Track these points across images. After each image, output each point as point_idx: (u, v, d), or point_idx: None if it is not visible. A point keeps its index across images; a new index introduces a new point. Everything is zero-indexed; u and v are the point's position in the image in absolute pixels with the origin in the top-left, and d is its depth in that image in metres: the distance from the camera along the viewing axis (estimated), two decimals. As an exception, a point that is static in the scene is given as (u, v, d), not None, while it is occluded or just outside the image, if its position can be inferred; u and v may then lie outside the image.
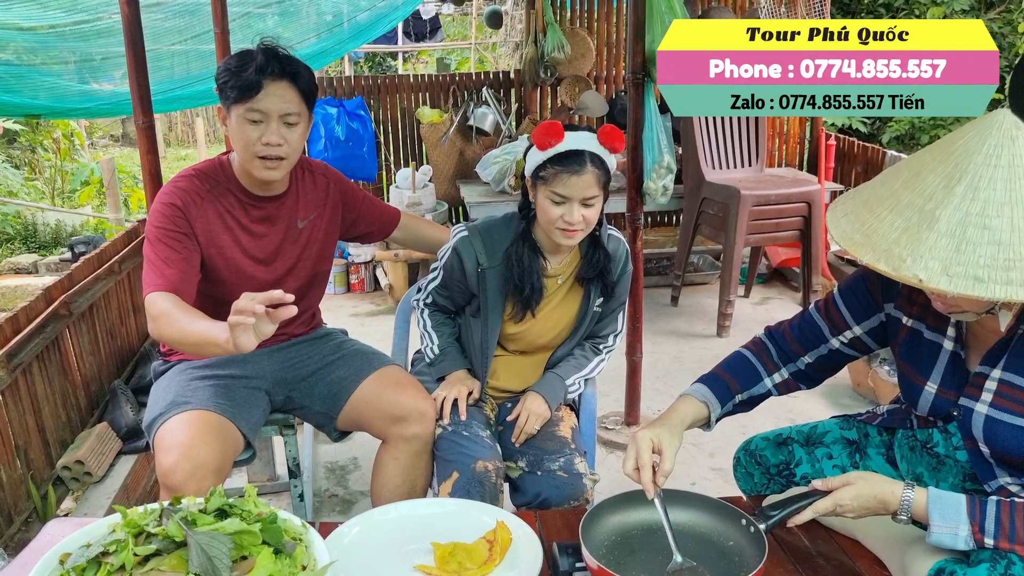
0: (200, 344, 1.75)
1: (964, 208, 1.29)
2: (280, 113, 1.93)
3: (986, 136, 1.32)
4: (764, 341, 1.81)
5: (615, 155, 2.00)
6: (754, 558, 1.41)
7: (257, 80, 1.89)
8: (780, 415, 3.48)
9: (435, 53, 11.66)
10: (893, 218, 1.36)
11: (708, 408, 1.73)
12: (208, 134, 11.54)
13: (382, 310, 5.16)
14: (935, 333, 1.57)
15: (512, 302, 2.11)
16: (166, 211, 1.97)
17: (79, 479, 2.60)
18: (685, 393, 1.77)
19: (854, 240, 1.39)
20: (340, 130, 5.40)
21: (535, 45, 5.49)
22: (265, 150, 1.94)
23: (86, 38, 4.78)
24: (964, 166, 1.31)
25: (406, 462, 2.06)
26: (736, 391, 1.76)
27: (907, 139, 7.52)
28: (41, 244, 7.04)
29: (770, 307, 5.08)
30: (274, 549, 1.25)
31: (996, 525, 1.35)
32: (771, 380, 1.77)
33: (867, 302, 1.67)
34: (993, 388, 1.46)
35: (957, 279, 1.26)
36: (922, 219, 1.32)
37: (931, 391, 1.56)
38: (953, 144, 1.35)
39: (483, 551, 1.54)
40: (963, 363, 1.54)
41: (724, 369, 1.80)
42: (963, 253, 1.27)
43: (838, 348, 1.72)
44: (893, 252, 1.32)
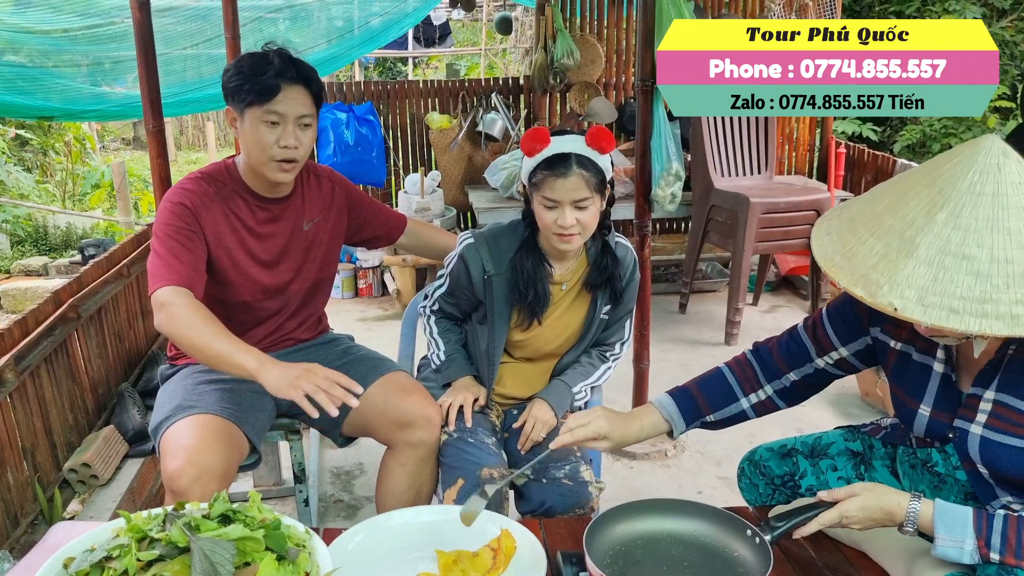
0: (220, 362, 1.82)
1: (945, 236, 1.27)
2: (296, 116, 1.97)
3: (972, 162, 1.30)
4: (749, 359, 1.79)
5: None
6: (759, 569, 1.40)
7: (276, 84, 1.94)
8: (787, 424, 3.46)
9: (445, 59, 11.71)
10: (874, 242, 1.34)
11: (670, 425, 1.77)
12: (219, 138, 11.59)
13: (390, 315, 5.17)
14: (925, 355, 1.55)
15: (519, 309, 2.10)
16: (175, 210, 2.00)
17: (85, 482, 2.61)
18: (652, 403, 1.78)
19: (834, 261, 1.38)
20: (349, 135, 5.41)
21: (545, 51, 5.49)
22: (283, 153, 1.97)
23: (99, 42, 4.81)
24: (948, 192, 1.29)
25: (411, 468, 2.06)
26: (705, 412, 1.77)
27: (918, 147, 7.49)
28: (52, 246, 7.09)
29: (779, 315, 5.07)
30: (277, 555, 1.25)
31: (1003, 540, 1.34)
32: (747, 400, 1.76)
33: (853, 325, 1.66)
34: (988, 409, 1.45)
35: (932, 309, 1.25)
36: (902, 245, 1.30)
37: (925, 414, 1.55)
38: (940, 168, 1.34)
39: (487, 559, 1.54)
40: (955, 385, 1.52)
41: (699, 386, 1.80)
42: (940, 283, 1.26)
43: (823, 368, 1.71)
44: (871, 278, 1.31)
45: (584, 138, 1.96)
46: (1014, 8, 7.33)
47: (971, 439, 1.46)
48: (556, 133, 1.99)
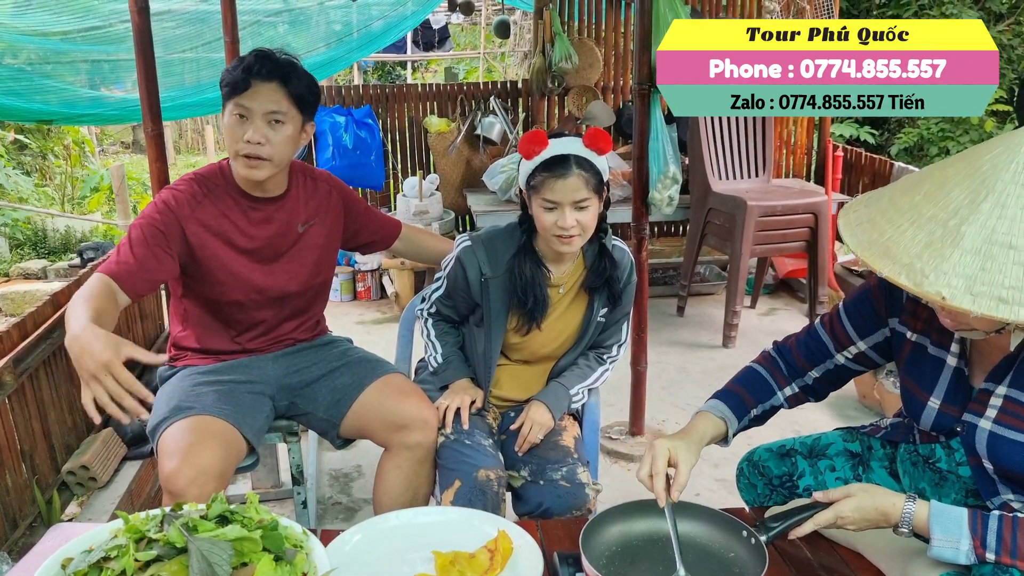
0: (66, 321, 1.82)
1: (991, 226, 1.25)
2: (264, 111, 1.98)
3: (1015, 152, 1.28)
4: (773, 356, 1.81)
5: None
6: (755, 570, 1.41)
7: (244, 78, 1.97)
8: (785, 427, 3.46)
9: (444, 62, 11.72)
10: (915, 231, 1.32)
11: (726, 424, 1.73)
12: (218, 141, 11.61)
13: (388, 318, 5.17)
14: (939, 349, 1.56)
15: (517, 314, 2.11)
16: (158, 206, 2.04)
17: (84, 484, 2.61)
18: (702, 410, 1.77)
19: (872, 252, 1.35)
20: (348, 138, 5.43)
21: (543, 55, 5.51)
22: (247, 148, 1.98)
23: (97, 44, 4.82)
24: (991, 183, 1.28)
25: (408, 470, 2.07)
26: (751, 405, 1.77)
27: (916, 150, 7.51)
28: (51, 250, 7.09)
29: (776, 318, 5.07)
30: (274, 556, 1.25)
31: (998, 540, 1.34)
32: (783, 393, 1.78)
33: (871, 318, 1.67)
34: (998, 404, 1.45)
35: (981, 299, 1.23)
36: (946, 234, 1.28)
37: (934, 407, 1.55)
38: (980, 158, 1.32)
39: (484, 560, 1.54)
40: (966, 379, 1.53)
41: (737, 383, 1.80)
42: (988, 272, 1.24)
43: (843, 364, 1.72)
44: (915, 267, 1.28)
45: (582, 140, 1.97)
46: (1011, 12, 7.35)
47: (979, 433, 1.46)
48: (553, 136, 1.99)
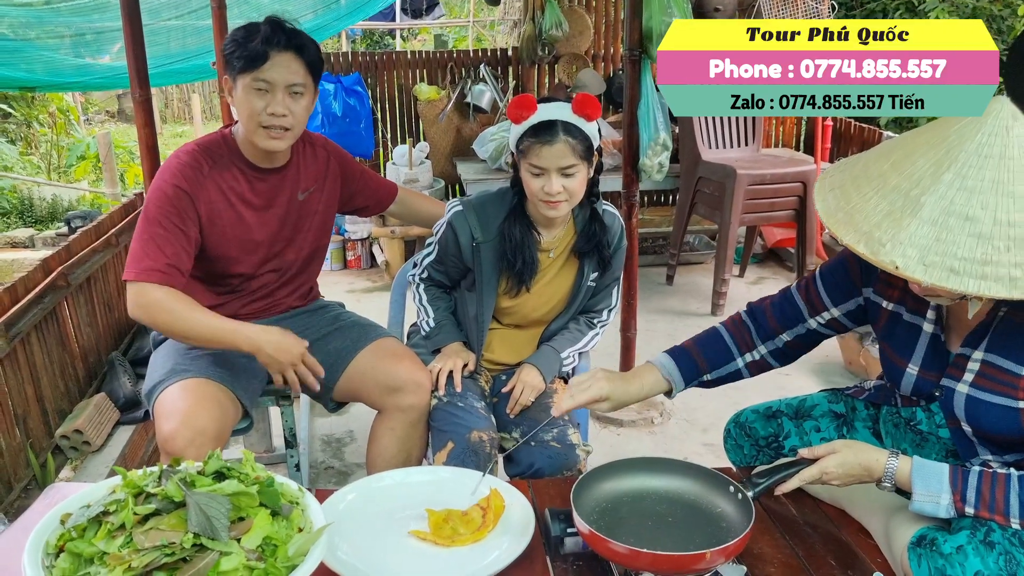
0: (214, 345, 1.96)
1: (949, 197, 1.28)
2: (286, 83, 1.96)
3: (981, 124, 1.30)
4: (744, 319, 1.84)
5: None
6: (741, 524, 1.44)
7: (264, 51, 1.93)
8: (771, 391, 3.45)
9: (433, 30, 11.60)
10: (878, 200, 1.35)
11: (670, 384, 1.80)
12: (205, 111, 11.48)
13: (378, 287, 5.18)
14: (915, 316, 1.58)
15: (507, 276, 2.13)
16: (171, 192, 1.98)
17: (78, 448, 2.63)
18: (652, 363, 1.81)
19: (837, 218, 1.39)
20: (337, 106, 5.38)
21: (533, 23, 5.47)
22: (270, 120, 1.97)
23: (82, 13, 4.75)
24: (955, 153, 1.30)
25: (401, 432, 2.09)
26: (704, 370, 1.81)
27: (905, 120, 7.51)
28: (37, 219, 7.03)
29: (764, 287, 5.11)
30: (271, 511, 1.27)
31: (977, 495, 1.38)
32: (742, 360, 1.81)
33: (846, 286, 1.69)
34: (976, 369, 1.48)
35: (933, 269, 1.26)
36: (906, 204, 1.31)
37: (913, 373, 1.58)
38: (948, 128, 1.34)
39: (477, 517, 1.57)
40: (943, 345, 1.55)
41: (697, 345, 1.84)
42: (942, 243, 1.27)
43: (815, 328, 1.76)
44: (873, 235, 1.32)
45: (571, 105, 1.98)
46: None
47: (957, 397, 1.49)
48: (543, 101, 2.00)
